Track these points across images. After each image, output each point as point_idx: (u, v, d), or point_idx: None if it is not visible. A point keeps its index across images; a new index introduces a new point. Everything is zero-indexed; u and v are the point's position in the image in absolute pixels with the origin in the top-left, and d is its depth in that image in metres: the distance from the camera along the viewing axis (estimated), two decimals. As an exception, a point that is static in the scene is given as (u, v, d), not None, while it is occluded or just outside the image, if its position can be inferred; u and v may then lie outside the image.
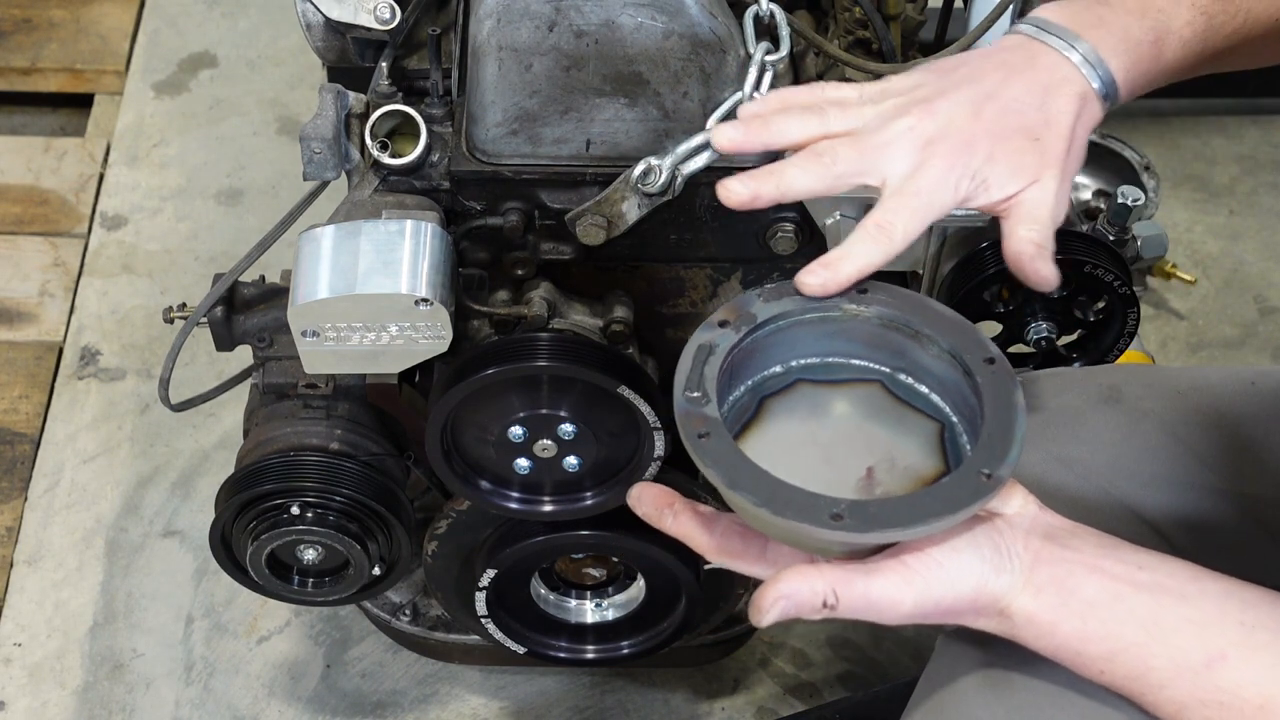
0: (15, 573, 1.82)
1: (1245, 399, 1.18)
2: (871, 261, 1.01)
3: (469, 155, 1.27)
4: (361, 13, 1.30)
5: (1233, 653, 0.91)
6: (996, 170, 1.02)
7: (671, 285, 1.36)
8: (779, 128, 1.06)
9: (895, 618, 0.93)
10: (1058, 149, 1.03)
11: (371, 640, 1.76)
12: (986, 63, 1.06)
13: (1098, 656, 0.93)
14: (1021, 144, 1.03)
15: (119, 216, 2.17)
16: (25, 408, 1.96)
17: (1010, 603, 0.93)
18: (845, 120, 1.05)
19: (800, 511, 0.91)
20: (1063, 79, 1.05)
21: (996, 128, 1.03)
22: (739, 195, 1.04)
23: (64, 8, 2.42)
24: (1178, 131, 2.29)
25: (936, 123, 1.03)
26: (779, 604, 0.92)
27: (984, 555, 0.93)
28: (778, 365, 1.03)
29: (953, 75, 1.06)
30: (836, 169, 1.03)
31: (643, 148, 1.24)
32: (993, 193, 1.02)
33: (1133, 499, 1.14)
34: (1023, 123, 1.03)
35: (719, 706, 1.72)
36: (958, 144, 1.02)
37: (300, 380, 1.39)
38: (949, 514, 0.91)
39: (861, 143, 1.03)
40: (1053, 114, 1.04)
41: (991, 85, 1.04)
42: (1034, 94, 1.04)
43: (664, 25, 1.20)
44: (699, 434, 0.95)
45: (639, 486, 1.03)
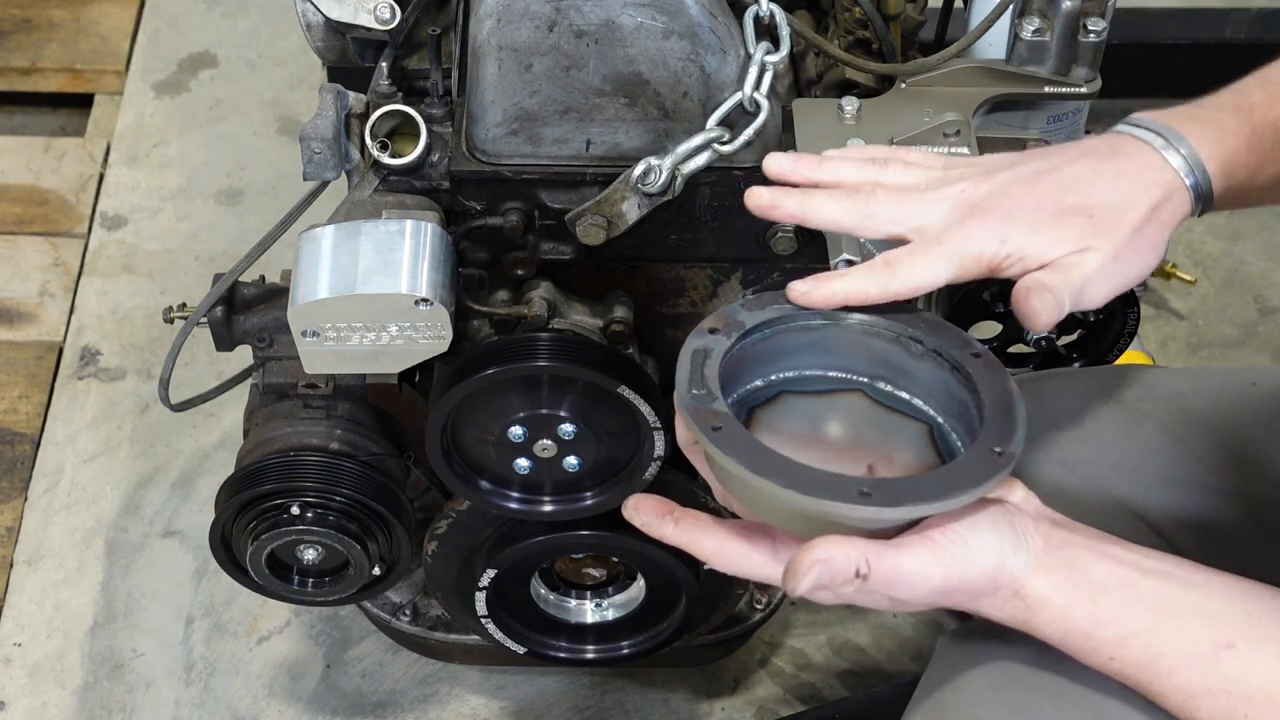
0: (15, 573, 1.82)
1: (1246, 400, 1.18)
2: (864, 292, 0.99)
3: (469, 155, 1.27)
4: (361, 13, 1.30)
5: (1240, 642, 0.91)
6: (1035, 240, 0.98)
7: (671, 285, 1.36)
8: (832, 166, 1.04)
9: (922, 593, 0.93)
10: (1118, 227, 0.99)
11: (371, 640, 1.76)
12: (1072, 147, 1.03)
13: (1108, 641, 0.93)
14: (1074, 219, 0.99)
15: (119, 216, 2.17)
16: (25, 408, 1.96)
17: (1025, 583, 0.94)
18: (903, 175, 1.03)
19: (829, 490, 0.91)
20: (1145, 164, 1.01)
21: (1049, 201, 0.99)
22: (759, 199, 1.03)
23: (64, 8, 2.42)
24: (1178, 131, 2.29)
25: (987, 189, 1.00)
26: (815, 568, 0.91)
27: (1002, 533, 0.94)
28: (758, 379, 1.03)
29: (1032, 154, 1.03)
30: (868, 209, 1.01)
31: (643, 148, 1.24)
32: (1029, 260, 0.98)
33: (1133, 500, 1.15)
34: (1082, 201, 0.99)
35: (719, 706, 1.72)
36: (999, 210, 0.99)
37: (300, 380, 1.39)
38: (972, 487, 0.92)
39: (905, 194, 1.01)
40: (1121, 197, 0.99)
41: (1060, 162, 1.01)
42: (1105, 176, 1.00)
43: (664, 25, 1.20)
44: (713, 427, 0.94)
45: (635, 498, 1.02)
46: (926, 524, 0.93)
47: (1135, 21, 2.17)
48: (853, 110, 1.27)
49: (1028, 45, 1.30)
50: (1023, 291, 0.98)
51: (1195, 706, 0.92)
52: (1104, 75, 1.33)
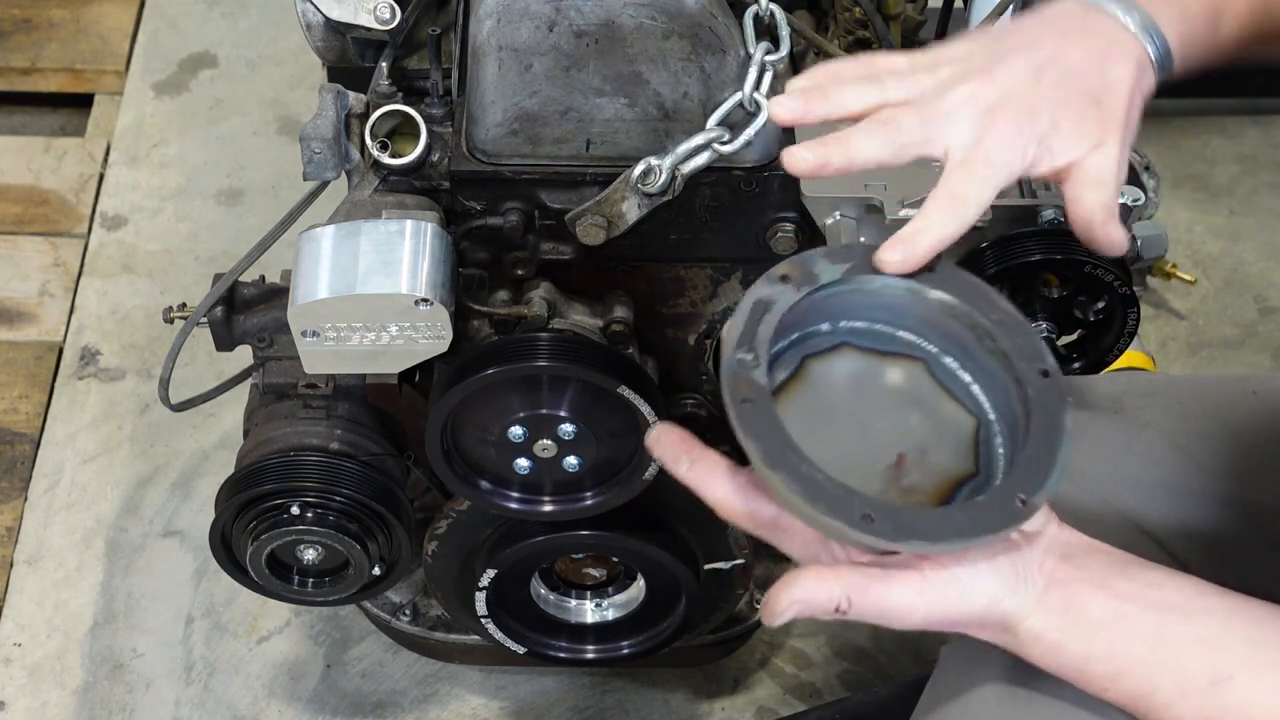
0: (15, 573, 1.82)
1: (1246, 407, 1.18)
2: (948, 232, 0.99)
3: (469, 155, 1.27)
4: (361, 13, 1.30)
5: (1240, 673, 0.91)
6: (1061, 135, 1.00)
7: (671, 285, 1.36)
8: (838, 98, 1.03)
9: (904, 625, 0.93)
10: (1118, 114, 1.02)
11: (371, 640, 1.76)
12: (1042, 29, 1.04)
13: (1102, 676, 0.93)
14: (1083, 109, 1.01)
15: (119, 216, 2.17)
16: (25, 408, 1.96)
17: (1018, 622, 0.93)
18: (903, 88, 1.02)
19: (833, 505, 0.90)
20: (1121, 44, 1.03)
21: (1058, 92, 1.01)
22: (806, 162, 1.01)
23: (64, 8, 2.42)
24: (1178, 131, 2.29)
25: (998, 88, 1.01)
26: (793, 608, 0.91)
27: (1001, 576, 0.93)
28: (825, 323, 1.01)
29: (1006, 41, 1.03)
30: (902, 138, 1.00)
31: (643, 148, 1.24)
32: (1057, 158, 1.00)
33: (1134, 510, 1.14)
34: (1084, 87, 1.01)
35: (719, 706, 1.72)
36: (1020, 109, 1.00)
37: (300, 380, 1.39)
38: (979, 535, 0.90)
39: (924, 110, 1.01)
40: (1112, 79, 1.02)
41: (1049, 51, 1.02)
42: (1093, 59, 1.02)
43: (664, 25, 1.20)
44: (743, 399, 0.93)
45: (660, 428, 1.00)
46: (922, 556, 0.92)
47: (1135, 21, 2.17)
48: (853, 110, 1.27)
49: (1028, 45, 1.30)
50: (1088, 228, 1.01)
51: None
52: (1104, 75, 1.33)
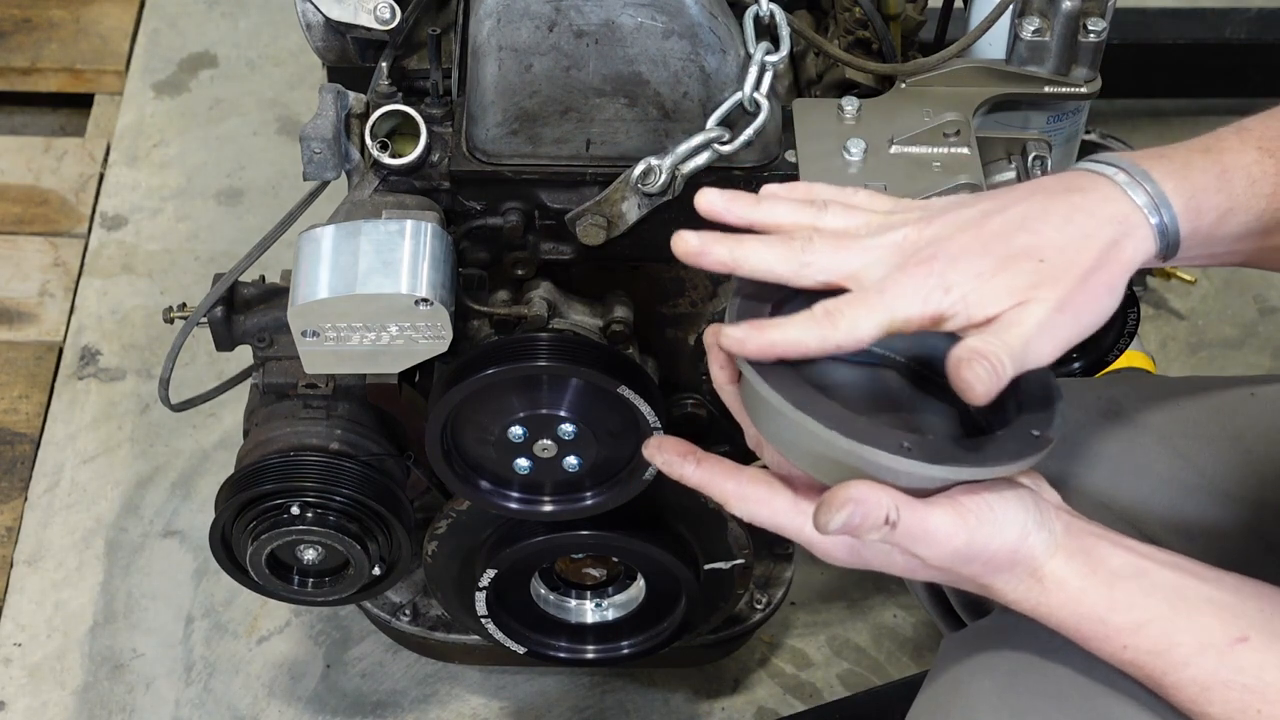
0: (15, 573, 1.82)
1: (1245, 409, 1.18)
2: (804, 343, 0.92)
3: (469, 155, 1.27)
4: (361, 13, 1.30)
5: (1255, 636, 0.91)
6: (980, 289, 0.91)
7: (671, 285, 1.36)
8: (768, 207, 0.98)
9: (943, 553, 0.93)
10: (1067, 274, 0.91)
11: (371, 640, 1.76)
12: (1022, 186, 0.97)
13: (1123, 628, 0.93)
14: (1020, 264, 0.91)
15: (119, 216, 2.17)
16: (25, 408, 1.96)
17: (1044, 563, 0.94)
18: (842, 220, 0.97)
19: (873, 438, 0.90)
20: (1101, 199, 0.94)
21: (995, 243, 0.92)
22: (686, 244, 0.96)
23: (64, 8, 2.42)
24: (1178, 131, 2.29)
25: (930, 233, 0.94)
26: (848, 506, 0.90)
27: (1029, 510, 0.94)
28: None
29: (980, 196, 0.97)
30: (804, 257, 0.95)
31: (643, 148, 1.24)
32: (973, 311, 0.91)
33: (1132, 512, 1.14)
34: (1031, 241, 0.92)
35: (719, 706, 1.72)
36: (942, 255, 0.92)
37: (300, 380, 1.39)
38: (1012, 460, 0.92)
39: (843, 241, 0.95)
40: (1073, 236, 0.92)
41: (1008, 201, 0.95)
42: (1056, 213, 0.93)
43: (664, 25, 1.20)
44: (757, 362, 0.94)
45: (658, 438, 1.01)
46: (956, 490, 0.93)
47: (1135, 21, 2.17)
48: (853, 110, 1.27)
49: (1028, 45, 1.30)
50: (955, 363, 0.90)
51: (1209, 699, 0.92)
52: (1104, 75, 1.33)
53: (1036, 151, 1.31)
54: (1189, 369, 2.03)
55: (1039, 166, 1.30)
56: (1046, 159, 1.31)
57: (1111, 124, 2.05)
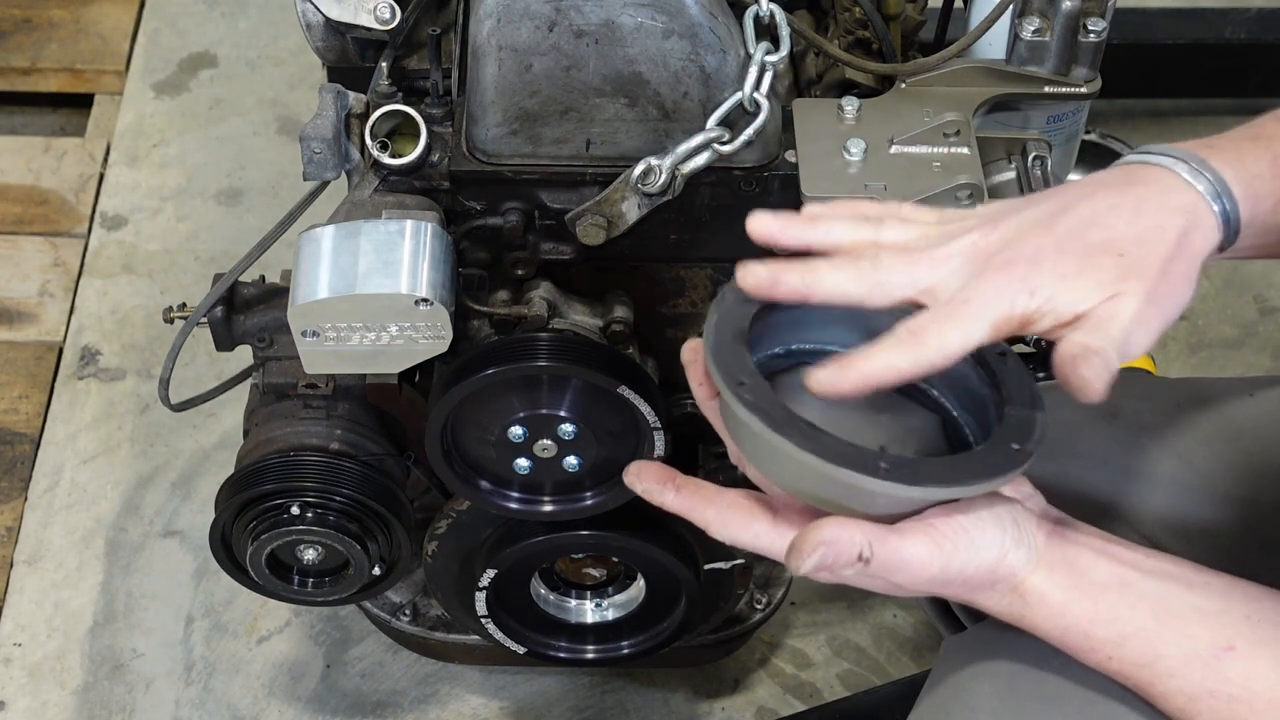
0: (15, 573, 1.82)
1: (1244, 411, 1.18)
2: (895, 367, 0.91)
3: (469, 155, 1.27)
4: (361, 13, 1.30)
5: (1241, 644, 0.91)
6: (1066, 287, 0.90)
7: (671, 285, 1.36)
8: (824, 228, 0.96)
9: (920, 581, 0.93)
10: (1149, 265, 0.90)
11: (371, 640, 1.76)
12: (1079, 184, 0.95)
13: (1107, 640, 0.93)
14: (1099, 259, 0.91)
15: (119, 216, 2.17)
16: (25, 408, 1.96)
17: (1024, 579, 0.94)
18: (901, 232, 0.95)
19: (849, 459, 0.90)
20: (1165, 189, 0.93)
21: (1071, 241, 0.91)
22: (758, 277, 0.95)
23: (64, 8, 2.42)
24: (1178, 131, 2.29)
25: (1000, 237, 0.92)
26: (820, 549, 0.90)
27: (1005, 529, 0.94)
28: (779, 347, 1.02)
29: (1038, 196, 0.95)
30: (877, 275, 0.93)
31: (643, 148, 1.24)
32: (1061, 311, 0.90)
33: (1131, 513, 1.14)
34: (1106, 236, 0.91)
35: (719, 706, 1.72)
36: (1020, 258, 0.91)
37: (300, 380, 1.39)
38: (989, 478, 0.91)
39: (912, 254, 0.93)
40: (1146, 228, 0.91)
41: (1072, 199, 0.93)
42: (1125, 207, 0.92)
43: (664, 25, 1.20)
44: (739, 381, 0.93)
45: (636, 465, 1.01)
46: (931, 512, 0.93)
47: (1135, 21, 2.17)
48: (853, 110, 1.27)
49: (1028, 45, 1.30)
50: (1069, 361, 0.89)
51: (1196, 710, 0.92)
52: (1104, 75, 1.33)
53: (1036, 151, 1.31)
54: (1189, 369, 2.03)
55: (1039, 166, 1.30)
56: (1046, 159, 1.31)
57: (1111, 124, 2.05)
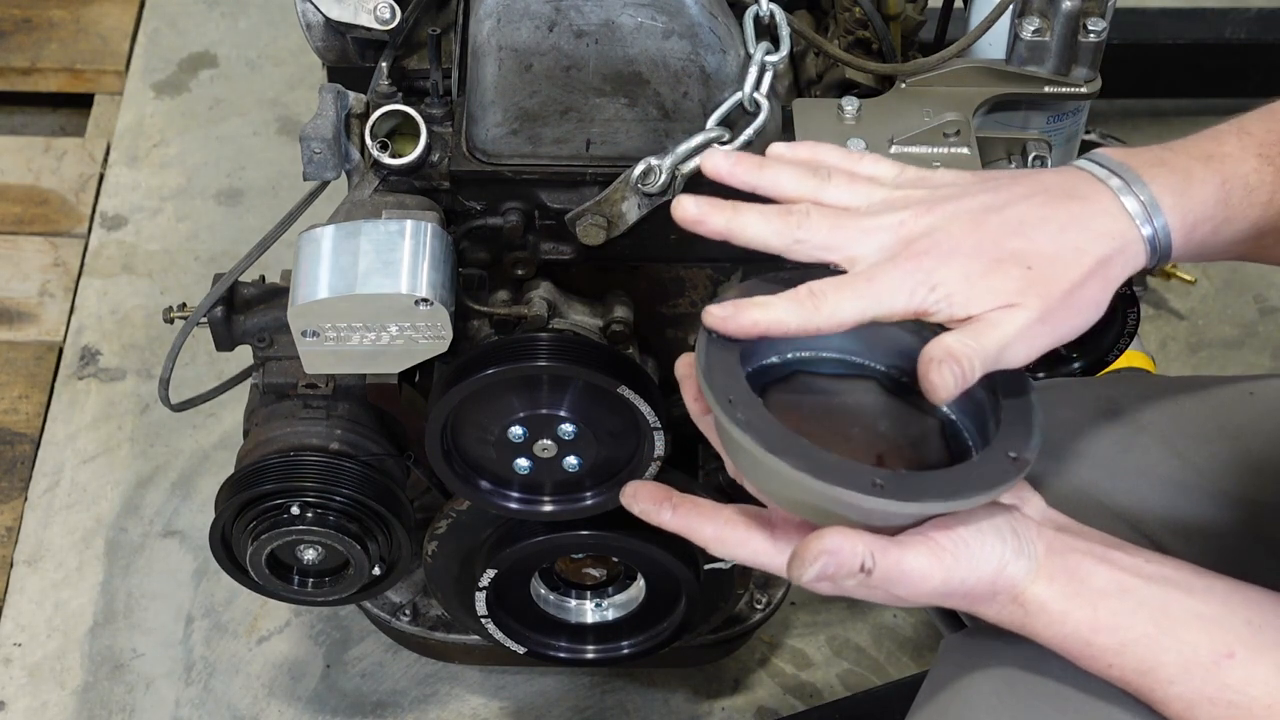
0: (15, 573, 1.82)
1: (1244, 410, 1.18)
2: (784, 323, 0.94)
3: (469, 155, 1.27)
4: (361, 13, 1.30)
5: (1241, 651, 0.91)
6: (965, 289, 0.92)
7: (671, 285, 1.36)
8: (772, 174, 0.99)
9: (921, 592, 0.93)
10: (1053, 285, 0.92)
11: (371, 640, 1.76)
12: (1029, 179, 0.97)
13: (1107, 648, 0.93)
14: (1009, 268, 0.92)
15: (119, 216, 2.17)
16: (25, 408, 1.96)
17: (1025, 589, 0.94)
18: (845, 194, 0.97)
19: (843, 477, 0.90)
20: (1098, 210, 0.94)
21: (989, 244, 0.93)
22: (685, 210, 0.98)
23: (64, 8, 2.42)
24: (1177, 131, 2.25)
25: (928, 223, 0.94)
26: (822, 558, 0.90)
27: (1005, 539, 0.94)
28: (774, 356, 1.02)
29: (984, 183, 0.96)
30: (799, 233, 0.95)
31: (643, 148, 1.24)
32: (955, 308, 0.92)
33: (1131, 512, 1.14)
34: (1022, 247, 0.93)
35: (719, 706, 1.72)
36: (935, 251, 0.93)
37: (300, 380, 1.39)
38: (985, 490, 0.92)
39: (841, 219, 0.95)
40: (1065, 247, 0.93)
41: (1010, 198, 0.95)
42: (1053, 221, 0.93)
43: (664, 25, 1.20)
44: (729, 399, 0.93)
45: (633, 485, 1.01)
46: (930, 525, 0.93)
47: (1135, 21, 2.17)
48: (853, 110, 1.27)
49: (1028, 45, 1.30)
50: (926, 361, 0.92)
51: (1195, 716, 0.92)
52: (1104, 75, 1.33)
53: (1036, 151, 1.31)
54: (1189, 369, 2.03)
55: (1039, 166, 1.30)
56: (1046, 159, 1.31)
57: (1111, 124, 2.05)
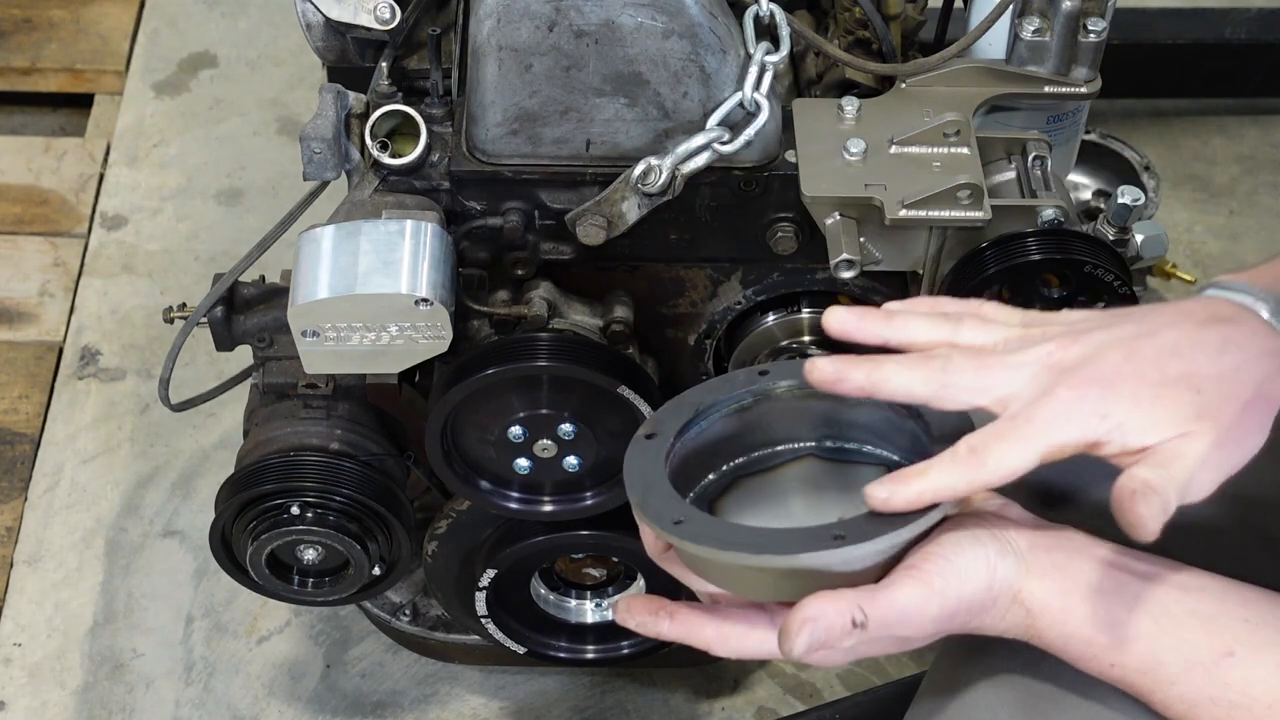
0: (15, 573, 1.82)
1: None
2: (952, 487, 0.89)
3: (469, 155, 1.27)
4: (361, 13, 1.30)
5: (1240, 650, 0.91)
6: (1138, 417, 0.88)
7: (671, 285, 1.36)
8: (901, 323, 0.95)
9: (924, 625, 0.92)
10: (1225, 407, 0.88)
11: (371, 640, 1.76)
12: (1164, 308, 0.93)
13: (1109, 646, 0.92)
14: (1177, 393, 0.88)
15: (119, 216, 2.17)
16: (25, 408, 1.96)
17: (1020, 587, 0.93)
18: (980, 334, 0.94)
19: (802, 543, 0.90)
20: (1250, 332, 0.91)
21: (1150, 369, 0.89)
22: (822, 373, 0.93)
23: (64, 8, 2.41)
24: (1178, 131, 2.29)
25: (1080, 352, 0.90)
26: (806, 627, 0.88)
27: (985, 544, 0.93)
28: (710, 473, 1.02)
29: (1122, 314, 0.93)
30: (946, 377, 0.91)
31: (643, 148, 1.24)
32: (1129, 439, 0.88)
33: None
34: (1185, 370, 0.89)
35: (719, 706, 1.72)
36: (1096, 379, 0.89)
37: (300, 380, 1.39)
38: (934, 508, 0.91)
39: (985, 359, 0.91)
40: (1227, 368, 0.89)
41: (1156, 325, 0.91)
42: (1209, 343, 0.90)
43: (664, 25, 1.20)
44: (675, 520, 0.93)
45: (626, 602, 0.99)
46: (910, 557, 0.92)
47: (1135, 21, 2.17)
48: (853, 110, 1.27)
49: (1028, 45, 1.30)
50: (1127, 496, 0.86)
51: (1196, 716, 0.91)
52: (1104, 75, 1.33)
53: (1036, 151, 1.31)
54: (1189, 369, 2.03)
55: (1039, 166, 1.30)
56: (1046, 159, 1.31)
57: (1111, 124, 2.05)
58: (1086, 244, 1.26)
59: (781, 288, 1.35)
